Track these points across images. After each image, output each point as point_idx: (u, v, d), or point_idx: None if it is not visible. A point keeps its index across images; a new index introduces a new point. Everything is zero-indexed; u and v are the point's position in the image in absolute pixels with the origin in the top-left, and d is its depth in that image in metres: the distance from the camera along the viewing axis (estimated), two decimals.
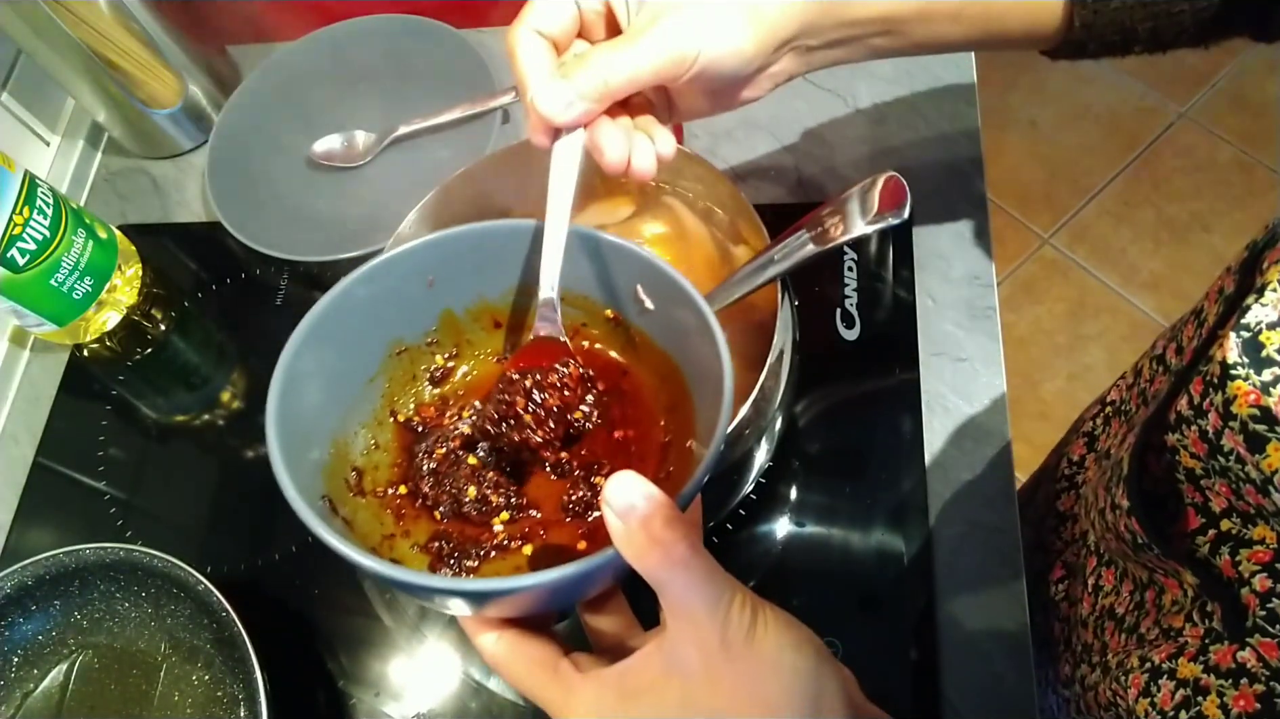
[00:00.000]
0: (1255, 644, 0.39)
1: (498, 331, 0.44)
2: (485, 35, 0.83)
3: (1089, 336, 1.67)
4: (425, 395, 0.44)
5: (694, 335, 0.37)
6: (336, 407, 0.40)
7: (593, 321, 0.44)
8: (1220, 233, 1.72)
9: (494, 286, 0.43)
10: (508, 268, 0.43)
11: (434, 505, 0.40)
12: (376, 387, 0.42)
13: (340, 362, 0.39)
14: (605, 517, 0.30)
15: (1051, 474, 0.68)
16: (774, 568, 0.59)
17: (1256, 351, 0.36)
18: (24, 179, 0.65)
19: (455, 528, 0.40)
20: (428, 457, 0.41)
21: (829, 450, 0.63)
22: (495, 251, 0.42)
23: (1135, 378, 0.59)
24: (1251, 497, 0.38)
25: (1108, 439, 0.60)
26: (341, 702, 0.60)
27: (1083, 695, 0.54)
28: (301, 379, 0.37)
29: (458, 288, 0.43)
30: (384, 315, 0.41)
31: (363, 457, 0.41)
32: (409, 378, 0.43)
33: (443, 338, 0.44)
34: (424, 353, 0.43)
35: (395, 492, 0.41)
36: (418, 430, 0.42)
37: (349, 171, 0.79)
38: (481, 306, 0.44)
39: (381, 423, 0.42)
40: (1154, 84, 1.87)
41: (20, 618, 0.60)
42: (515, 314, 0.44)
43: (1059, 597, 0.61)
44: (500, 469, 0.41)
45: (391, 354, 0.42)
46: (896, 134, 0.74)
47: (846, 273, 0.68)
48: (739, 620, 0.30)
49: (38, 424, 0.73)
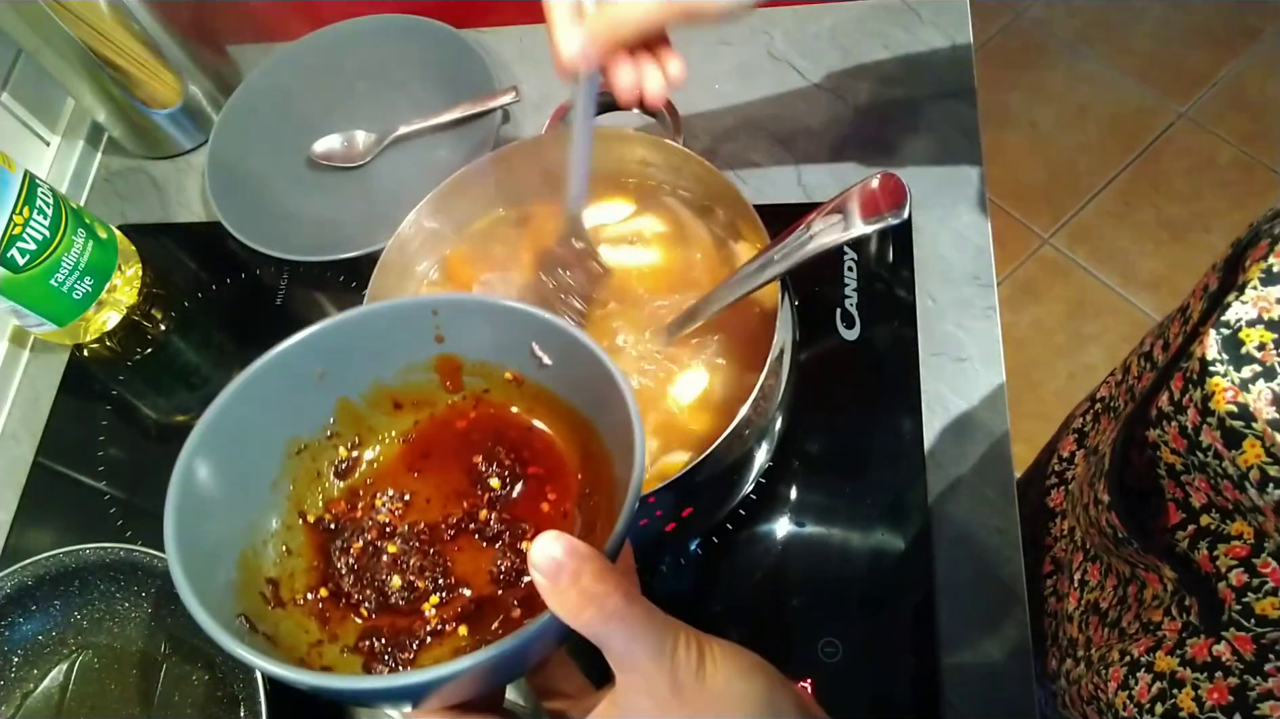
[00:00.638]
0: (1230, 638, 0.40)
1: (399, 413, 0.43)
2: (485, 35, 0.83)
3: (1089, 336, 1.67)
4: (333, 490, 0.42)
5: (595, 383, 0.37)
6: (239, 519, 0.38)
7: (494, 386, 0.43)
8: (1220, 233, 1.72)
9: (387, 367, 0.42)
10: (398, 347, 0.41)
11: (359, 603, 0.39)
12: (280, 490, 0.40)
13: (237, 472, 0.38)
14: (535, 579, 0.29)
15: (1043, 471, 0.68)
16: (774, 568, 0.59)
17: (1235, 349, 0.37)
18: (24, 179, 0.65)
19: (385, 622, 0.38)
20: (344, 553, 0.40)
21: (829, 450, 0.63)
22: (383, 332, 0.41)
23: (1124, 375, 0.59)
24: (1229, 492, 0.38)
25: (1097, 435, 0.61)
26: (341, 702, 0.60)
27: (1067, 689, 0.55)
28: (198, 498, 0.35)
29: (350, 375, 0.41)
30: (277, 417, 0.39)
31: (275, 566, 0.39)
32: (313, 475, 0.41)
33: (343, 429, 0.42)
34: (325, 447, 0.41)
35: (316, 596, 0.39)
36: (330, 528, 0.41)
37: (349, 171, 0.79)
38: (378, 390, 0.42)
39: (291, 527, 0.40)
40: (1154, 84, 1.87)
41: (20, 618, 0.60)
42: (413, 392, 0.43)
43: (1047, 592, 0.61)
44: (423, 552, 0.40)
45: (291, 454, 0.40)
46: (896, 134, 0.74)
47: (846, 273, 0.68)
48: (686, 660, 0.30)
49: (38, 424, 0.73)
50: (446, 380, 0.43)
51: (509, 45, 0.83)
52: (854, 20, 0.80)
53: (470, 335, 0.41)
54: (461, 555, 0.40)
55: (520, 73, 0.81)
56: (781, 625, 0.57)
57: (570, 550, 0.29)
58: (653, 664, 0.29)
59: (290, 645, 0.37)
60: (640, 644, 0.29)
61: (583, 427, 0.40)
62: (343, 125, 0.80)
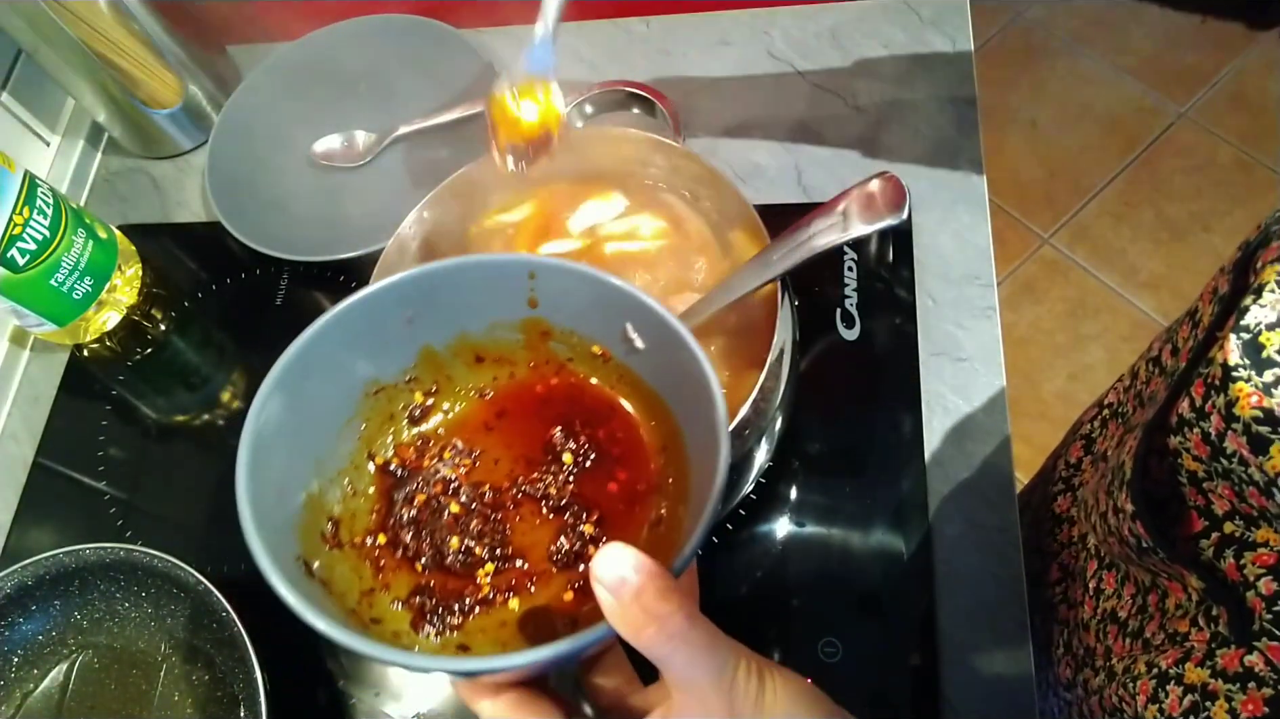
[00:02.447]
0: (1262, 648, 0.39)
1: (479, 367, 0.43)
2: (485, 35, 0.83)
3: (1089, 336, 1.67)
4: (404, 436, 0.42)
5: (686, 382, 0.36)
6: (311, 454, 0.38)
7: (579, 358, 0.42)
8: (1220, 233, 1.72)
9: (476, 321, 0.41)
10: (491, 303, 0.41)
11: (415, 556, 0.39)
12: (353, 429, 0.40)
13: (315, 407, 0.38)
14: (596, 592, 0.28)
15: (1049, 476, 0.68)
16: (774, 568, 0.59)
17: (1257, 353, 0.36)
18: (24, 179, 0.65)
19: (438, 580, 0.38)
20: (407, 504, 0.40)
21: (829, 450, 0.63)
22: (478, 286, 0.40)
23: (1132, 380, 0.59)
24: (1255, 499, 0.38)
25: (1105, 442, 0.60)
26: (341, 702, 0.60)
27: (1086, 699, 0.54)
28: (274, 431, 0.35)
29: (438, 324, 0.41)
30: (360, 356, 0.39)
31: (339, 505, 0.39)
32: (386, 418, 0.41)
33: (422, 375, 0.42)
34: (402, 391, 0.42)
35: (374, 541, 0.39)
36: (396, 474, 0.41)
37: (349, 171, 0.79)
38: (462, 342, 0.42)
39: (359, 467, 0.40)
40: (1154, 84, 1.87)
41: (20, 618, 0.60)
42: (498, 348, 0.42)
43: (1057, 599, 0.61)
44: (484, 516, 0.40)
45: (368, 394, 0.40)
46: (896, 134, 0.74)
47: (846, 273, 0.68)
48: (745, 689, 0.29)
49: (38, 424, 0.73)
50: (532, 343, 0.42)
51: (509, 45, 0.83)
52: (854, 20, 0.80)
53: (564, 303, 0.40)
54: (522, 525, 0.40)
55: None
56: (781, 625, 0.57)
57: (636, 566, 0.28)
58: (711, 689, 0.28)
59: (343, 592, 0.37)
60: (700, 668, 0.28)
61: (665, 420, 0.39)
62: (343, 125, 0.80)
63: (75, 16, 0.70)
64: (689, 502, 0.36)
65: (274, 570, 0.31)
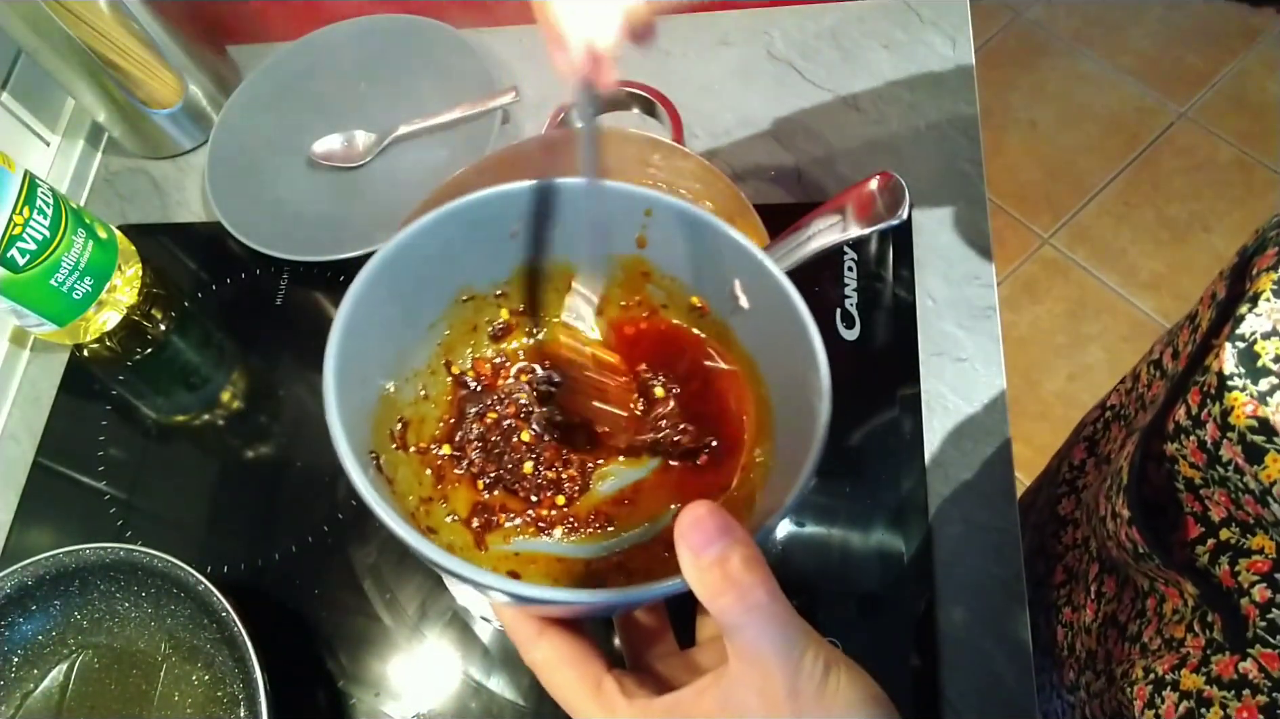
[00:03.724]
0: (1256, 655, 0.39)
1: (570, 293, 0.41)
2: (485, 35, 0.83)
3: (1089, 336, 1.67)
4: (485, 350, 0.41)
5: (789, 352, 0.35)
6: (394, 349, 0.37)
7: (674, 305, 0.40)
8: (1220, 233, 1.72)
9: (579, 248, 0.39)
10: (600, 231, 0.39)
11: (480, 474, 0.38)
12: (436, 332, 0.39)
13: (409, 301, 0.37)
14: (678, 549, 0.28)
15: (1052, 478, 0.68)
16: (774, 568, 0.59)
17: (1252, 361, 0.36)
18: (24, 179, 0.65)
19: (499, 501, 0.38)
20: (479, 420, 0.39)
21: (829, 450, 0.62)
22: (590, 212, 0.38)
23: (1134, 383, 0.59)
24: (1250, 506, 0.38)
25: (1108, 444, 0.60)
26: (341, 702, 0.60)
27: (1088, 703, 0.54)
28: (368, 316, 0.34)
29: (541, 243, 0.39)
30: (460, 257, 0.38)
31: (410, 406, 0.38)
32: (470, 329, 0.40)
33: (512, 292, 0.41)
34: (490, 304, 0.40)
35: (439, 450, 0.38)
36: (470, 387, 0.40)
37: (349, 171, 0.79)
38: (560, 267, 0.40)
39: (435, 372, 0.39)
40: (1154, 84, 1.87)
41: (20, 618, 0.60)
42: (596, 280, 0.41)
43: (1060, 602, 0.61)
44: (556, 448, 0.38)
45: (458, 300, 0.39)
46: (896, 134, 0.74)
47: (846, 273, 0.68)
48: (811, 671, 0.28)
49: (38, 424, 0.73)
50: (631, 281, 0.41)
51: (509, 45, 0.83)
52: (854, 20, 0.80)
53: (674, 248, 0.39)
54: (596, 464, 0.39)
55: (520, 73, 0.81)
56: None
57: (723, 528, 0.27)
58: (777, 665, 0.28)
59: (403, 493, 0.36)
60: (770, 643, 0.28)
61: (755, 385, 0.38)
62: (343, 125, 0.80)
63: (75, 17, 0.70)
64: (770, 472, 0.35)
65: (350, 456, 0.30)
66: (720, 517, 0.28)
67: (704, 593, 0.27)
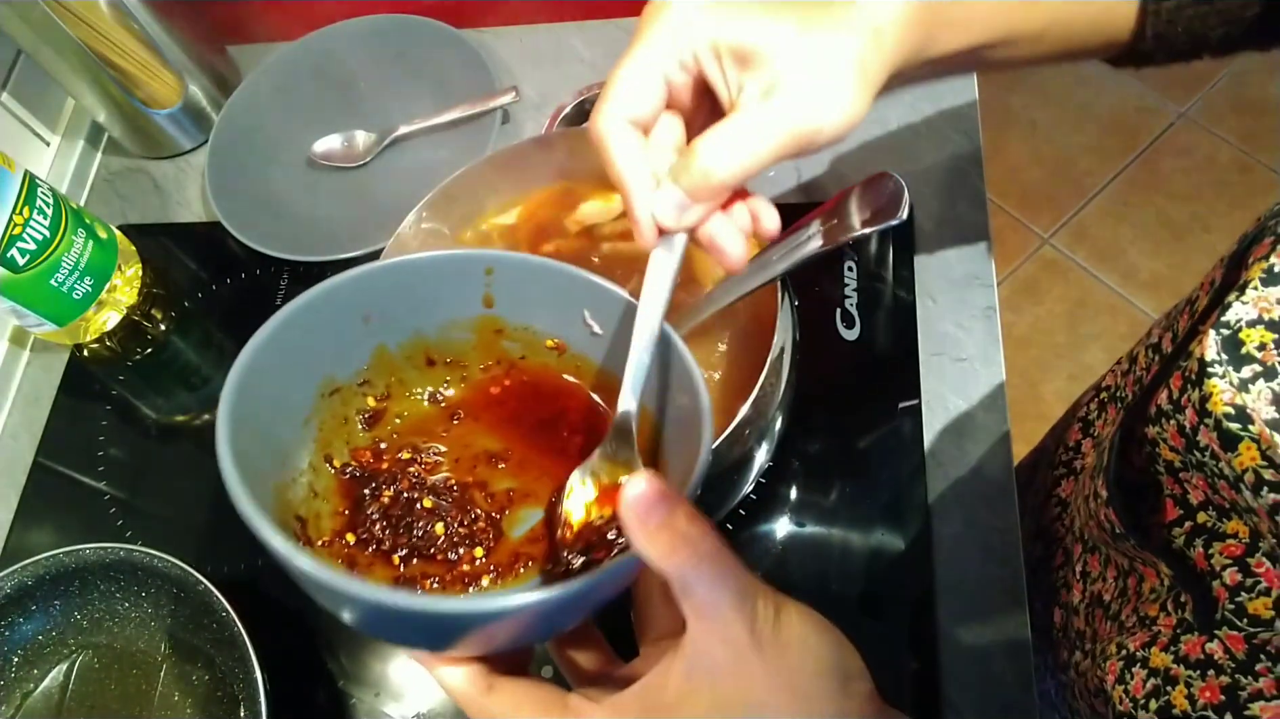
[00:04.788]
0: (1223, 637, 0.40)
1: (431, 370, 0.42)
2: (485, 35, 0.83)
3: (1089, 336, 1.67)
4: (359, 439, 0.41)
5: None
6: (276, 448, 0.37)
7: (531, 354, 0.42)
8: (1220, 233, 1.72)
9: (430, 320, 0.41)
10: (446, 301, 0.40)
11: (392, 550, 0.38)
12: (310, 429, 0.39)
13: (278, 398, 0.37)
14: (624, 522, 0.29)
15: (1049, 459, 0.68)
16: (774, 568, 0.59)
17: (1236, 349, 0.37)
18: (24, 179, 0.65)
19: (418, 571, 0.38)
20: (375, 501, 0.39)
21: (829, 450, 0.63)
22: (434, 283, 0.40)
23: (1130, 365, 0.59)
24: (1225, 492, 0.39)
25: (1103, 425, 0.60)
26: (341, 702, 0.60)
27: (1076, 681, 0.55)
28: (247, 413, 0.34)
29: (394, 323, 0.40)
30: (318, 350, 0.38)
31: (303, 504, 0.38)
32: (341, 421, 0.41)
33: (374, 378, 0.41)
34: (355, 394, 0.41)
35: (342, 541, 0.39)
36: (356, 476, 0.40)
37: (349, 171, 0.79)
38: (416, 343, 0.41)
39: (317, 469, 0.39)
40: (1154, 84, 1.87)
41: (20, 618, 0.60)
42: (449, 350, 0.42)
43: (1059, 583, 0.61)
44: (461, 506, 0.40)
45: (324, 394, 0.40)
46: (896, 134, 0.74)
47: (846, 273, 0.68)
48: (764, 613, 0.30)
49: (38, 424, 0.73)
50: (485, 343, 0.42)
51: (509, 45, 0.83)
52: None
53: (521, 298, 0.40)
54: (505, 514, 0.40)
55: (520, 73, 0.81)
56: None
57: (662, 493, 0.29)
58: (734, 613, 0.29)
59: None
60: (725, 591, 0.29)
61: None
62: (343, 125, 0.80)
63: (75, 17, 0.70)
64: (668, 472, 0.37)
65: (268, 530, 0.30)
66: (657, 483, 0.29)
67: (657, 554, 0.29)
